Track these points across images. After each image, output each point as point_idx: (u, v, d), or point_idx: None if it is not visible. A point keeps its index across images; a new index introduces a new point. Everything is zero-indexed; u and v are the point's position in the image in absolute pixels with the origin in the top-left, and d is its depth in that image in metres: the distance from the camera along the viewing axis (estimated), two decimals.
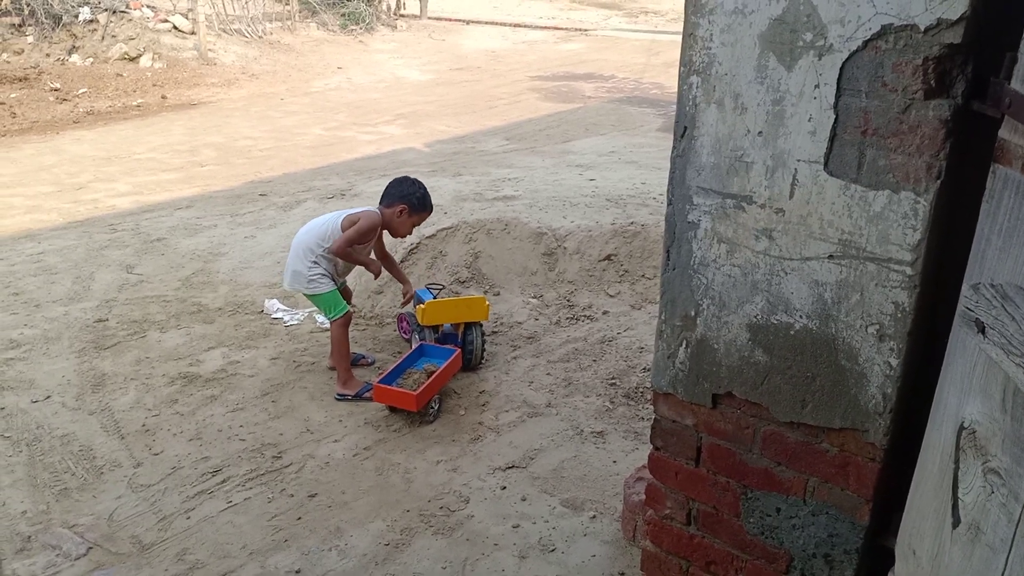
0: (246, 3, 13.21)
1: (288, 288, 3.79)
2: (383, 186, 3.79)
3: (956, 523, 1.23)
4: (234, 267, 5.06)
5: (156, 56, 11.44)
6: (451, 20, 16.73)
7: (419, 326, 3.85)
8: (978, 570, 1.16)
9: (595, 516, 2.83)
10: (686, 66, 1.65)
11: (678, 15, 15.24)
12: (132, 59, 11.32)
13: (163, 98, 10.18)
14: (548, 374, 3.83)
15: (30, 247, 5.36)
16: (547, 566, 2.60)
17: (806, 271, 1.59)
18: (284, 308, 4.47)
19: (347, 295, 3.91)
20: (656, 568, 2.09)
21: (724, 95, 1.60)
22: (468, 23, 16.66)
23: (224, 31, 12.65)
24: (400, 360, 3.59)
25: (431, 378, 3.38)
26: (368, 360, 3.95)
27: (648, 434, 2.03)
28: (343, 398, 3.59)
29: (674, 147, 1.72)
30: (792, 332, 1.64)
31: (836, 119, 1.47)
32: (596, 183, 6.00)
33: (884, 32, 1.38)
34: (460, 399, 3.62)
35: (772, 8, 1.49)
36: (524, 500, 2.93)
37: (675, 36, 11.72)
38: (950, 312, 1.32)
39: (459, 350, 3.67)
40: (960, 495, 1.22)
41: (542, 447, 3.25)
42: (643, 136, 8.36)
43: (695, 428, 1.88)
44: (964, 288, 1.23)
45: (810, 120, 1.50)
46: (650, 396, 2.49)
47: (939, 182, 1.40)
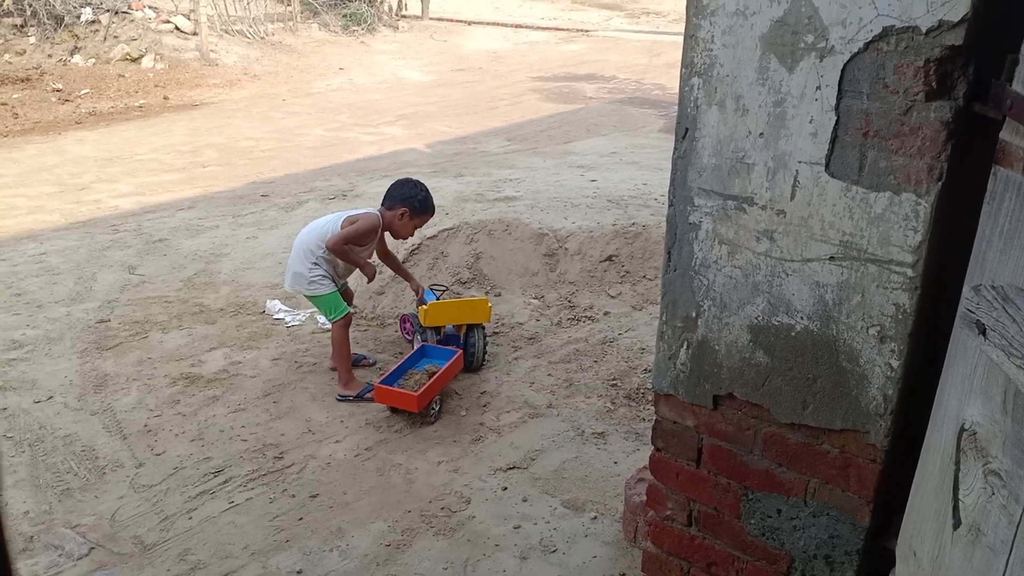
0: (248, 4, 13.22)
1: (289, 289, 3.80)
2: (385, 187, 3.80)
3: (957, 525, 1.23)
4: (236, 268, 5.07)
5: (158, 57, 11.45)
6: (453, 21, 16.72)
7: (421, 327, 3.85)
8: (979, 572, 1.16)
9: (596, 517, 2.83)
10: (687, 67, 1.65)
11: (679, 16, 15.23)
12: (134, 60, 11.33)
13: (165, 99, 10.19)
14: (549, 375, 3.83)
15: (32, 248, 5.37)
16: (548, 567, 2.60)
17: (807, 272, 1.59)
18: (286, 309, 4.47)
19: (348, 296, 3.92)
20: (657, 569, 2.09)
21: (725, 97, 1.60)
22: (470, 24, 16.65)
23: (226, 32, 12.66)
24: (402, 361, 3.59)
25: (432, 379, 3.39)
26: (369, 361, 3.95)
27: (649, 435, 2.04)
28: (344, 399, 3.60)
29: (675, 148, 1.73)
30: (793, 333, 1.64)
31: (837, 121, 1.47)
32: (597, 184, 5.99)
33: (886, 34, 1.38)
34: (461, 400, 3.62)
35: (773, 10, 1.50)
36: (525, 501, 2.93)
37: (677, 37, 11.74)
38: (951, 314, 1.32)
39: (461, 351, 3.67)
40: (961, 497, 1.23)
41: (543, 448, 3.26)
42: (644, 137, 8.36)
43: (696, 429, 1.88)
44: (965, 290, 1.23)
45: (811, 122, 1.50)
46: (651, 397, 2.50)
47: (940, 184, 1.40)
